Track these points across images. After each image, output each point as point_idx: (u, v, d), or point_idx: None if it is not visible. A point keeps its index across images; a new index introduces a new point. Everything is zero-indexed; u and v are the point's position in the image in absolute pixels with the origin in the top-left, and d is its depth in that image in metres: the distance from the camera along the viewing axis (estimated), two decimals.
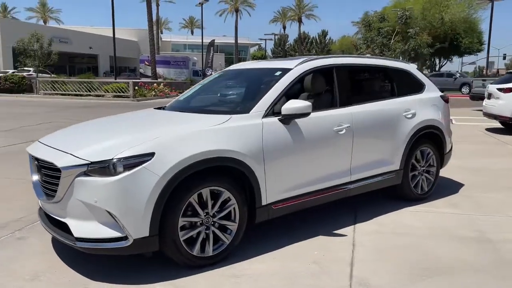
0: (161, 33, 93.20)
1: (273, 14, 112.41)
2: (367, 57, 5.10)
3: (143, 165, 2.99)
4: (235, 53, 69.86)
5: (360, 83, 4.94)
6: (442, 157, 5.29)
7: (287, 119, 3.73)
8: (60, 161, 3.09)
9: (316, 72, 4.22)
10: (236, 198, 3.44)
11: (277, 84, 3.95)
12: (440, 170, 5.33)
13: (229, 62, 76.93)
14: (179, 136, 3.27)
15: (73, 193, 3.04)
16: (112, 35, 29.18)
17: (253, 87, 4.48)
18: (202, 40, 45.24)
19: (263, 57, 75.92)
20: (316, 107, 4.00)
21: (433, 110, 5.11)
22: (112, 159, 2.98)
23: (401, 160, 4.73)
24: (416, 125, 4.83)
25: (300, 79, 4.11)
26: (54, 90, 24.50)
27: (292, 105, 3.69)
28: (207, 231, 3.33)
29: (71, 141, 3.49)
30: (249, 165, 3.45)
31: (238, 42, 72.55)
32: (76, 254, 3.38)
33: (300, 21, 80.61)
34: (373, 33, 39.68)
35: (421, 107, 4.98)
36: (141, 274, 3.21)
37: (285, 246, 3.74)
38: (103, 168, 2.98)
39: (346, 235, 4.00)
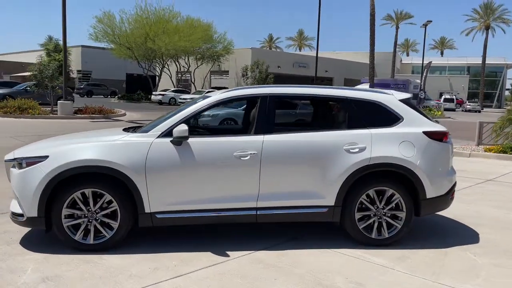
0: (407, 55, 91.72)
1: None
2: (318, 87, 4.91)
3: (38, 164, 4.15)
4: (481, 74, 62.75)
5: (292, 113, 4.83)
6: (417, 202, 4.55)
7: (176, 141, 4.25)
8: (6, 156, 4.54)
9: (232, 101, 4.55)
10: (117, 201, 4.20)
11: (184, 109, 4.50)
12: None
13: (476, 83, 69.63)
14: (76, 146, 4.29)
15: (10, 178, 4.44)
16: (347, 59, 30.91)
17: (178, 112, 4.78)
18: (423, 60, 42.92)
19: None
20: (223, 133, 4.33)
21: (402, 147, 4.49)
22: (21, 157, 4.25)
23: (337, 196, 4.42)
24: (363, 160, 4.40)
25: (211, 106, 4.52)
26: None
27: (177, 129, 4.21)
28: (89, 223, 4.22)
29: (32, 144, 4.89)
30: (129, 175, 4.16)
31: (492, 62, 64.94)
32: None
33: None
34: None
35: (379, 142, 4.48)
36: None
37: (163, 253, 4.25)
38: (18, 163, 4.27)
39: (228, 257, 4.17)
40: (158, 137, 4.32)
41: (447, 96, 55.07)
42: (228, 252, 4.27)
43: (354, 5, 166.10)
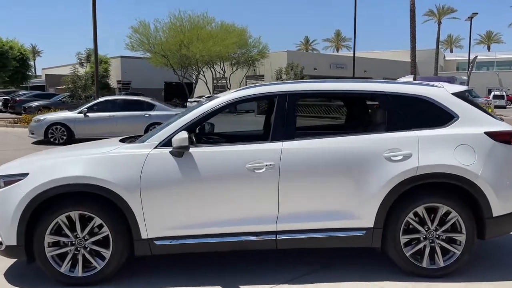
0: (451, 51, 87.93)
1: None
2: (349, 81, 4.03)
3: (17, 182, 3.52)
4: None
5: (317, 114, 3.96)
6: (480, 221, 3.59)
7: (176, 151, 3.52)
8: None
9: (244, 101, 3.77)
10: (108, 225, 3.51)
11: (188, 114, 3.76)
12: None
13: None
14: (59, 161, 3.64)
15: None
16: (387, 58, 29.74)
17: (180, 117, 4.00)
18: (469, 55, 40.48)
19: None
20: (234, 140, 3.58)
21: (458, 152, 3.55)
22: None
23: (377, 215, 3.54)
24: (408, 170, 3.50)
25: (219, 110, 3.75)
26: (299, 112, 27.07)
27: (176, 137, 3.47)
28: (77, 252, 3.55)
29: (17, 160, 4.24)
30: (120, 194, 3.46)
31: None
32: None
33: None
34: None
35: (428, 147, 3.56)
36: None
37: None
38: None
39: None
40: (156, 147, 3.60)
41: (497, 93, 51.86)
42: (243, 287, 3.49)
43: (393, 2, 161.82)
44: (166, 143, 3.59)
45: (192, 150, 3.54)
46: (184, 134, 3.46)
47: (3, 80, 38.93)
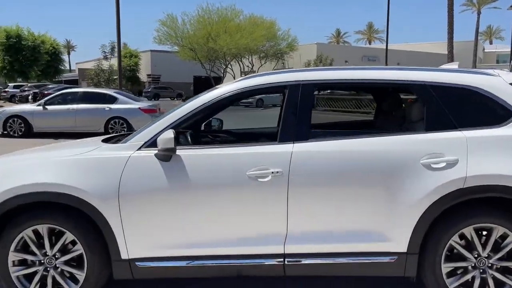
0: (490, 43, 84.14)
1: None
2: (378, 69, 3.26)
3: None
4: None
5: (337, 109, 3.20)
6: None
7: (161, 154, 2.88)
8: None
9: (247, 94, 3.09)
10: (82, 242, 2.92)
11: (180, 108, 3.11)
12: None
13: None
14: (23, 164, 3.08)
15: None
16: (421, 50, 28.43)
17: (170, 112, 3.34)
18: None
19: None
20: (234, 141, 2.92)
21: None
22: None
23: (411, 238, 2.80)
24: (453, 181, 2.74)
25: (215, 105, 3.08)
26: (328, 106, 26.09)
27: (161, 137, 2.84)
28: (46, 273, 2.98)
29: None
30: (95, 205, 2.86)
31: None
32: None
33: None
34: None
35: (479, 151, 2.79)
36: None
37: None
38: None
39: None
40: (140, 149, 2.98)
41: None
42: None
43: None
44: (152, 143, 2.96)
45: (181, 152, 2.90)
46: (169, 134, 2.81)
47: (36, 74, 39.59)
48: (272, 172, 2.82)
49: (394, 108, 3.90)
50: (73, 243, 2.96)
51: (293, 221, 2.85)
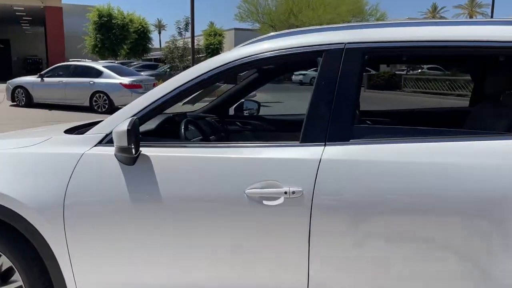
0: None
1: None
2: (468, 23, 1.94)
3: None
4: None
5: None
6: None
7: (120, 156, 1.93)
8: None
9: (256, 66, 1.98)
10: (21, 271, 2.09)
11: (158, 87, 2.10)
12: None
13: None
14: None
15: None
16: None
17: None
18: None
19: None
20: (234, 138, 1.88)
21: None
22: None
23: None
24: None
25: (203, 81, 2.02)
26: (417, 88, 23.67)
27: (116, 129, 1.87)
28: None
29: None
30: (31, 222, 2.00)
31: None
32: None
33: None
34: None
35: None
36: None
37: None
38: None
39: None
40: (98, 144, 2.04)
41: None
42: None
43: None
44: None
45: (153, 153, 1.92)
46: (123, 126, 1.83)
47: (125, 51, 41.01)
48: (286, 192, 1.73)
49: (492, 90, 2.53)
50: (10, 271, 2.14)
51: (317, 270, 1.76)
